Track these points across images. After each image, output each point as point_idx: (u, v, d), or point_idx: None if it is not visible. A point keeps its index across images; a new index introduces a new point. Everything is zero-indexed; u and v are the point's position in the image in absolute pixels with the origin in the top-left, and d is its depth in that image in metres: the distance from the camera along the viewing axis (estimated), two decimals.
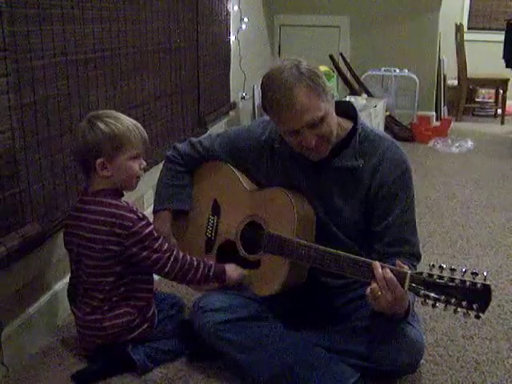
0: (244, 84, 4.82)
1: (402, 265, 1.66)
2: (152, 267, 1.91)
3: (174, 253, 1.92)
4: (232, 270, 1.97)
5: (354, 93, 5.30)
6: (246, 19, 4.60)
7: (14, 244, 1.84)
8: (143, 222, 1.86)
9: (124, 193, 1.98)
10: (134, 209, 1.90)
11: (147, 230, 1.86)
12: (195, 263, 1.95)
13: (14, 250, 1.84)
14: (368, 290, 1.66)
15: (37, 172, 2.03)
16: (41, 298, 2.15)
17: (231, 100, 4.55)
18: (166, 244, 1.92)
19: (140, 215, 1.88)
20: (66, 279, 2.28)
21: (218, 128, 4.12)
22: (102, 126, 1.86)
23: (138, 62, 2.81)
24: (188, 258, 1.95)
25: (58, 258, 2.21)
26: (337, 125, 1.84)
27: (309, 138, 1.77)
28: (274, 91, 1.74)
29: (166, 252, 1.90)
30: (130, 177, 1.93)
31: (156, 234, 1.89)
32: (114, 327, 1.91)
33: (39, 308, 2.11)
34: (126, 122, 1.90)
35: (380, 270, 1.65)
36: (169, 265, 1.90)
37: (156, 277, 2.04)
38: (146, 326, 1.96)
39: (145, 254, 1.86)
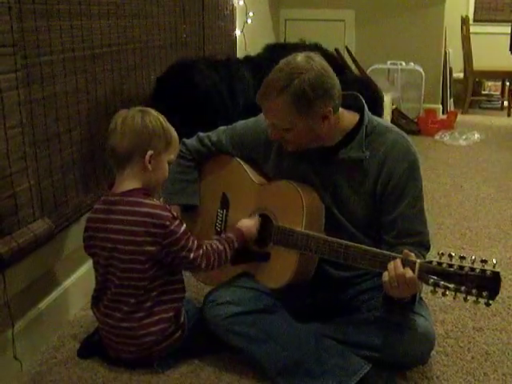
0: None
1: (410, 253, 1.67)
2: (189, 266, 1.87)
3: (204, 247, 1.86)
4: (248, 227, 1.96)
5: None
6: (251, 13, 4.59)
7: (24, 239, 1.84)
8: (177, 221, 1.81)
9: None
10: (168, 207, 1.85)
11: (182, 229, 1.81)
12: (221, 247, 1.90)
13: (24, 245, 1.84)
14: (383, 279, 1.67)
15: (46, 167, 2.04)
16: (51, 293, 2.16)
17: None
18: (195, 240, 1.86)
19: (174, 214, 1.83)
20: (76, 274, 2.30)
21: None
22: (161, 119, 1.85)
23: (145, 57, 2.81)
24: (213, 245, 1.89)
25: (68, 253, 2.22)
26: (315, 135, 1.84)
27: (269, 131, 1.89)
28: (272, 72, 1.80)
29: (199, 249, 1.85)
30: (162, 179, 1.90)
31: (189, 233, 1.84)
32: (149, 335, 1.85)
33: (50, 303, 2.12)
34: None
35: (393, 266, 1.66)
36: (204, 262, 1.85)
37: None
38: (178, 334, 1.91)
39: (183, 253, 1.81)
